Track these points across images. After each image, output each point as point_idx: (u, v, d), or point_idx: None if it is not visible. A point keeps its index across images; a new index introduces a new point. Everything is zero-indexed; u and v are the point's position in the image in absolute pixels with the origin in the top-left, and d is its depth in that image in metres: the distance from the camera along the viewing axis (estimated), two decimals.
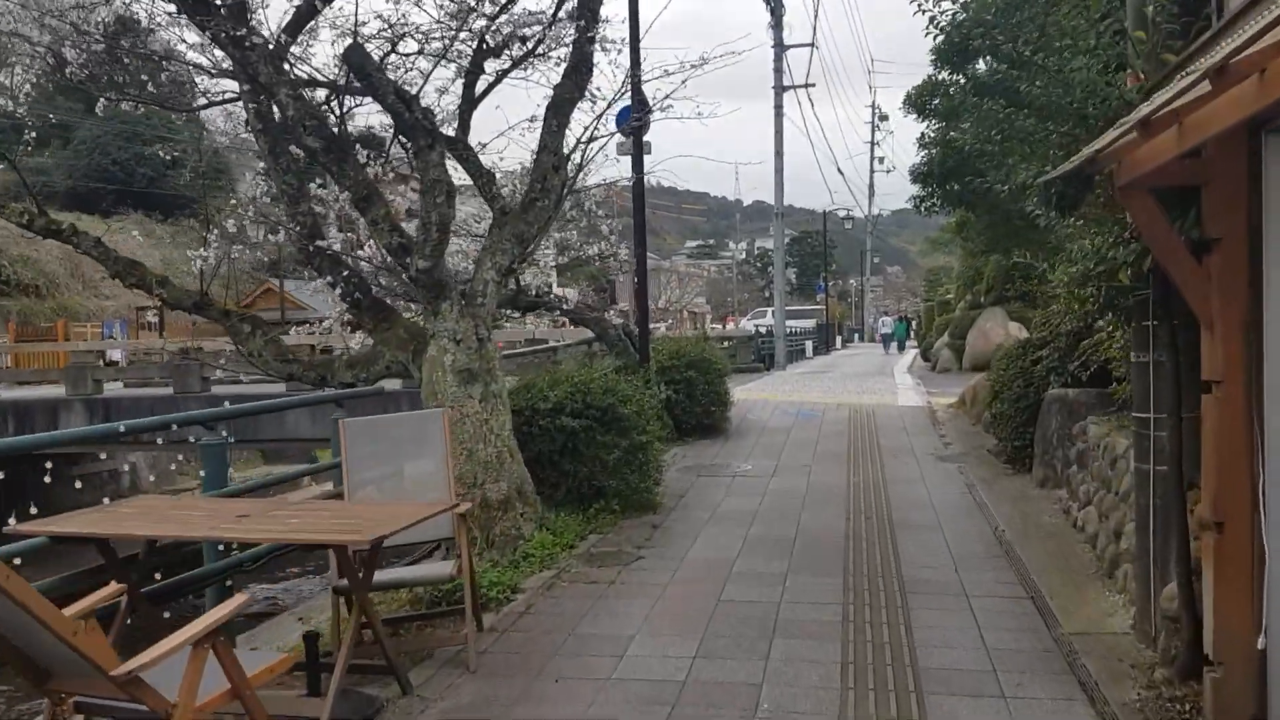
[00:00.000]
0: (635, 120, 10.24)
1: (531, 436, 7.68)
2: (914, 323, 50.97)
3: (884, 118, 70.69)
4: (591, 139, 7.94)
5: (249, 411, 6.20)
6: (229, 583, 5.15)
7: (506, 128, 8.04)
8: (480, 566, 6.12)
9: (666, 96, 8.15)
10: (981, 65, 12.05)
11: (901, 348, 44.56)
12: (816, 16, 58.19)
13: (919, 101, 12.26)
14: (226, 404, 6.05)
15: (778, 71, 27.92)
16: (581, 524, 7.46)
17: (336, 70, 7.03)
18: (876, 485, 9.10)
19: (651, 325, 40.51)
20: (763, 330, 32.34)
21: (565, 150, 7.73)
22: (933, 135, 12.35)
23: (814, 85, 29.72)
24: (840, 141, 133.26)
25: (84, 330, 39.27)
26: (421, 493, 5.10)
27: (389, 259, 7.35)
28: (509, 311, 10.86)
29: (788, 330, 36.85)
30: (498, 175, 8.24)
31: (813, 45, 28.75)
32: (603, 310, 10.96)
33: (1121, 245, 4.42)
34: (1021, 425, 9.50)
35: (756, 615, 5.32)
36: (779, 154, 28.09)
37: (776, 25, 27.75)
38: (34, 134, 8.09)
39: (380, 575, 4.64)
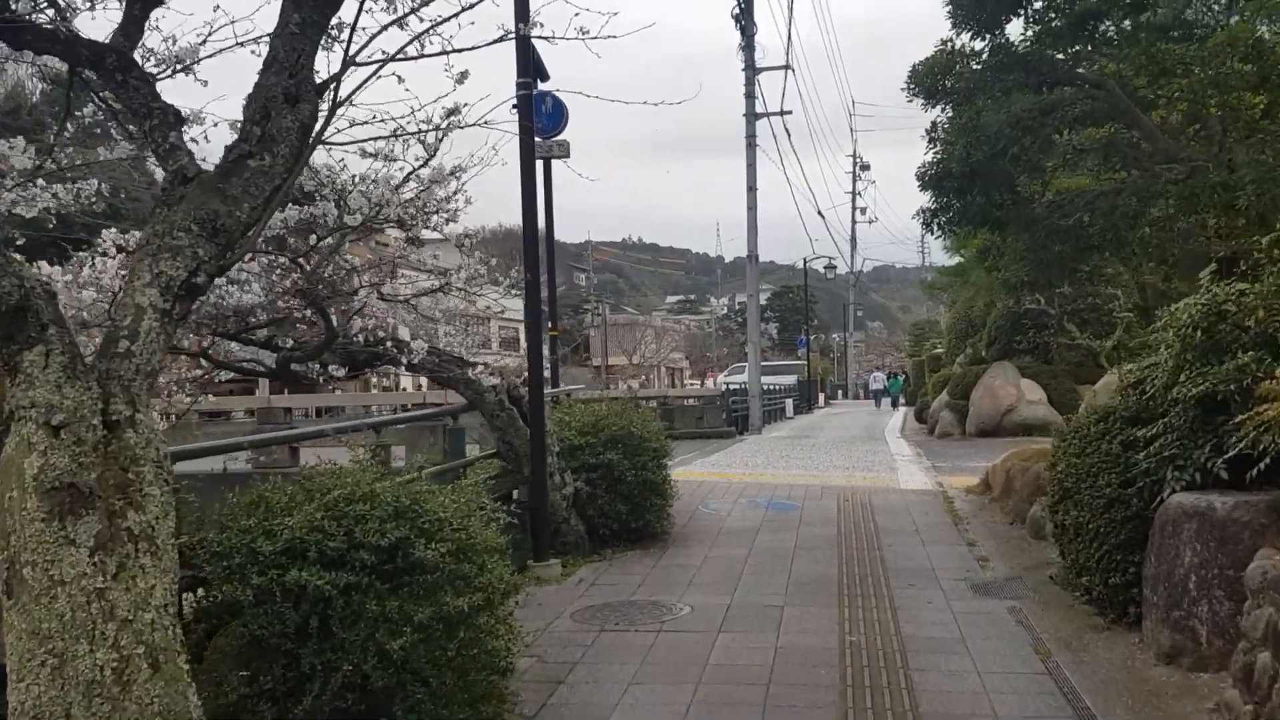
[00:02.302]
0: (519, 32, 6.77)
1: (241, 607, 4.05)
2: (903, 379, 48.20)
3: (865, 166, 68.51)
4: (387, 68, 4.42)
5: None
6: None
7: (234, 44, 4.50)
8: None
9: None
10: (1016, 29, 8.68)
11: (895, 404, 42.67)
12: (790, 33, 54.14)
13: (928, 80, 8.88)
14: None
15: (749, 97, 24.74)
16: None
17: None
18: (889, 655, 5.46)
19: (626, 382, 37.25)
20: (736, 387, 28.78)
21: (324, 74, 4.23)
22: (947, 125, 8.94)
23: (790, 113, 26.68)
24: (824, 192, 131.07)
25: None
26: None
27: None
28: (332, 370, 7.22)
29: (766, 388, 33.39)
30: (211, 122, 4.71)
31: (787, 68, 25.67)
32: (469, 365, 7.35)
33: None
34: (1119, 550, 5.91)
35: None
36: (752, 188, 24.80)
37: (747, 47, 24.66)
38: None
39: None
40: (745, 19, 24.24)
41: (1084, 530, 6.26)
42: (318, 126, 4.20)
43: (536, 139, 10.96)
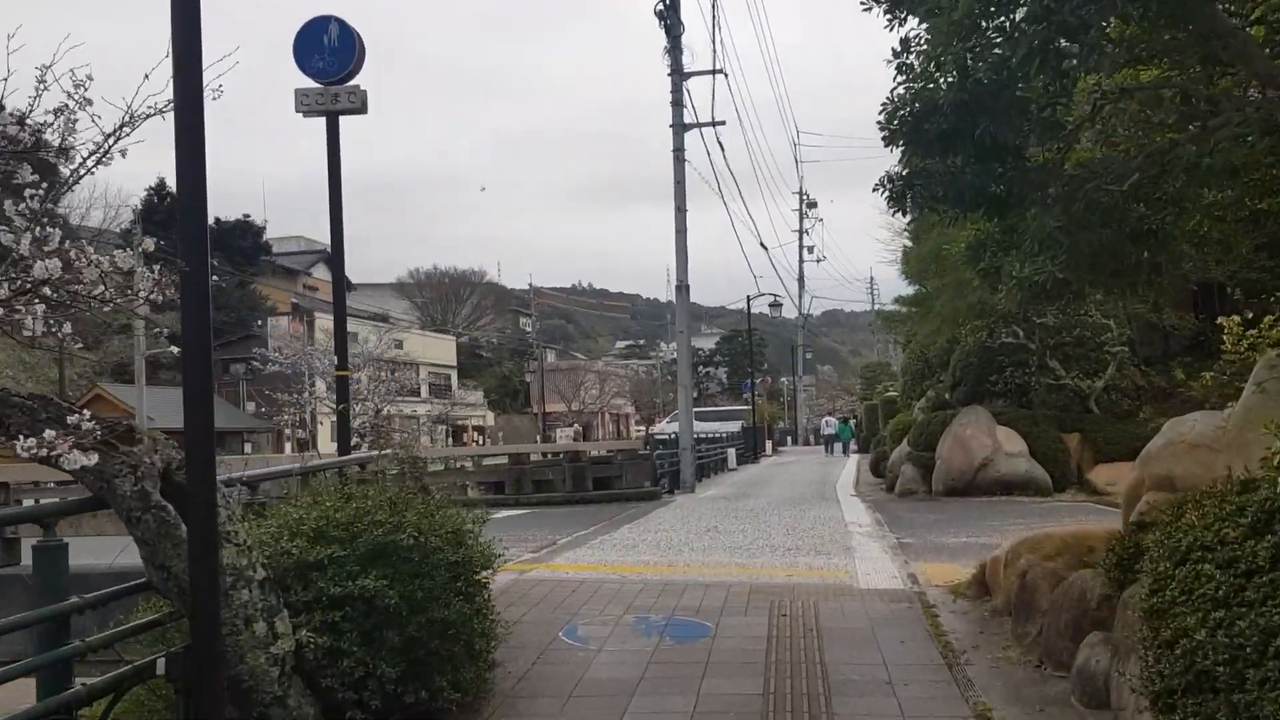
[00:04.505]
0: None
1: None
2: (854, 423, 45.88)
3: (812, 204, 66.19)
4: None
5: None
6: None
7: None
8: None
9: None
10: None
11: (846, 450, 40.54)
12: (715, 26, 49.60)
13: None
14: None
15: (676, 105, 21.65)
16: None
17: None
18: None
19: (563, 430, 34.75)
20: (666, 438, 25.39)
21: None
22: (928, 37, 5.72)
23: (723, 123, 23.69)
24: (770, 234, 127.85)
25: None
26: None
27: None
28: None
29: (705, 436, 30.11)
30: None
31: (717, 72, 22.61)
32: (50, 419, 3.89)
33: None
34: None
35: None
36: (680, 209, 21.64)
37: (673, 48, 21.63)
38: None
39: None
40: (671, 17, 21.24)
41: None
42: None
43: (317, 85, 7.65)
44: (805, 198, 64.26)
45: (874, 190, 6.20)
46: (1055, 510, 14.13)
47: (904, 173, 6.09)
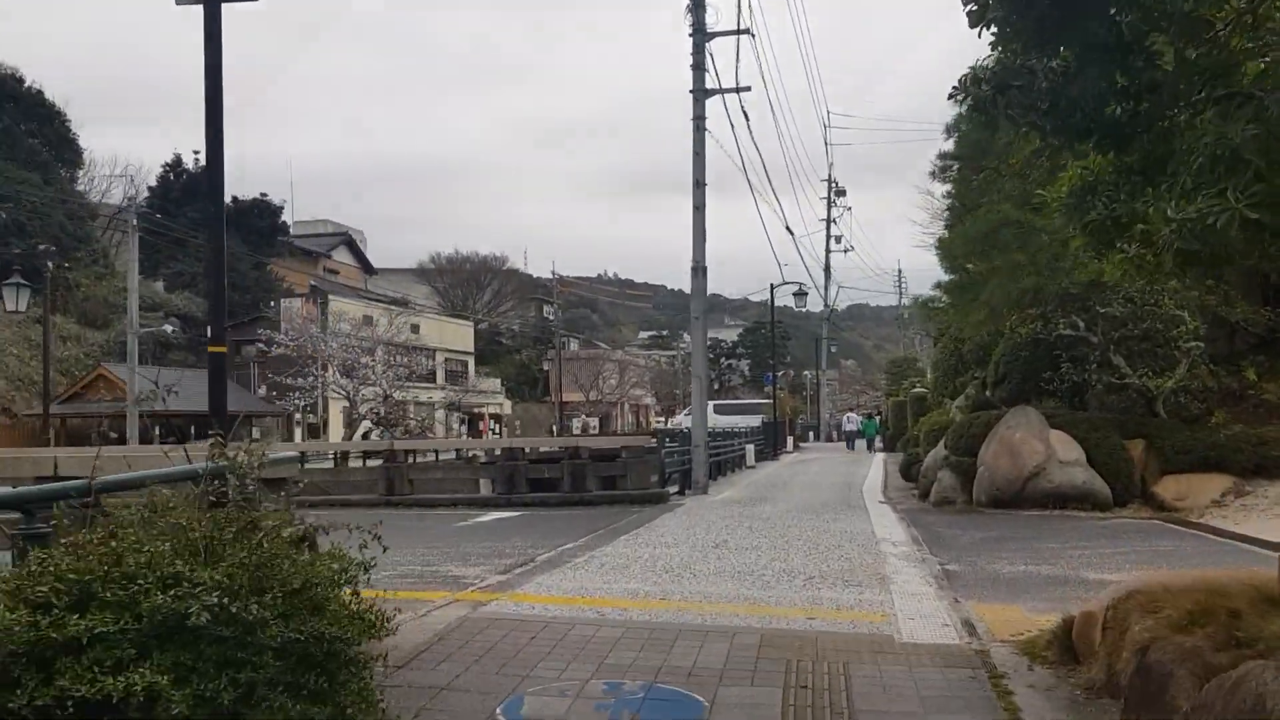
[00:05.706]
0: None
1: None
2: (880, 419, 44.48)
3: (841, 192, 63.97)
4: None
5: None
6: None
7: None
8: None
9: None
10: None
11: (871, 446, 39.62)
12: None
13: None
14: None
15: (697, 69, 19.77)
16: None
17: None
18: None
19: (585, 419, 33.25)
20: (684, 430, 23.60)
21: None
22: None
23: (748, 88, 21.53)
24: (798, 223, 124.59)
25: None
26: None
27: None
28: None
29: (724, 430, 28.36)
30: None
31: (740, 31, 20.63)
32: None
33: None
34: None
35: None
36: (699, 184, 19.77)
37: (696, 5, 19.75)
38: None
39: None
40: None
41: None
42: None
43: None
44: (834, 185, 62.05)
45: (949, 98, 4.37)
46: (1122, 530, 12.22)
47: (998, 72, 4.22)
